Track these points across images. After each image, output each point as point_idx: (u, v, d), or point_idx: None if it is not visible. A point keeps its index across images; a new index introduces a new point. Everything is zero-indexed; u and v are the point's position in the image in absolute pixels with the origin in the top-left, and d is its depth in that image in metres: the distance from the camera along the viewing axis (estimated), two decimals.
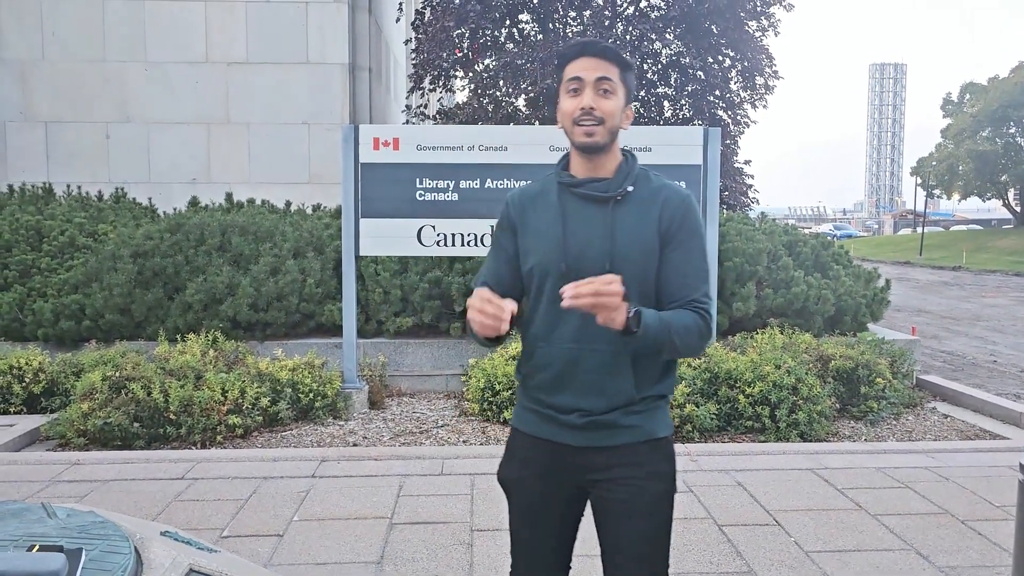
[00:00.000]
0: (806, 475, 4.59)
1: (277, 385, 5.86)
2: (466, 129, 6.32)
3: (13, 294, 7.03)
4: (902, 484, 4.46)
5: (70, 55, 11.42)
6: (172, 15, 11.48)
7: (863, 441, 5.63)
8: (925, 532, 3.79)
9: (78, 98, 11.48)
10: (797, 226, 9.38)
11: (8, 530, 1.79)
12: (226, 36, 11.58)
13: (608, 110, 1.80)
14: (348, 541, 3.65)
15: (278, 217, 8.34)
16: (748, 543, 3.65)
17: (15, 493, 4.26)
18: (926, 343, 11.10)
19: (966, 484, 4.46)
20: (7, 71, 11.39)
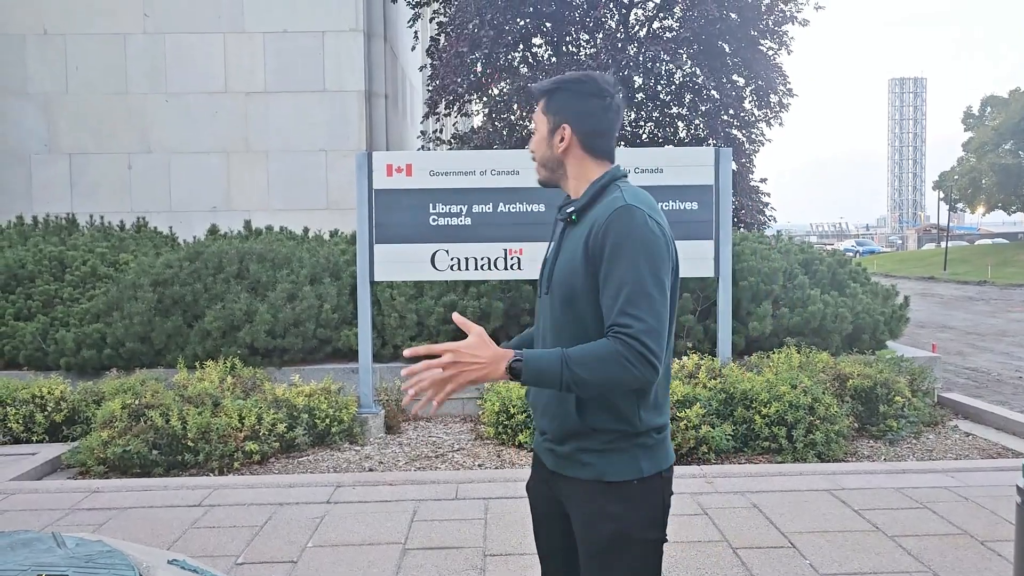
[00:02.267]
0: (823, 496, 4.53)
1: (294, 411, 5.85)
2: (478, 154, 6.36)
3: (36, 324, 7.10)
4: (921, 505, 4.39)
5: (93, 88, 11.63)
6: (191, 47, 11.67)
7: (882, 461, 5.54)
8: (943, 554, 3.73)
9: (101, 130, 11.67)
10: (814, 244, 9.35)
11: (17, 559, 1.82)
12: (244, 66, 11.76)
13: (533, 146, 1.89)
14: (361, 567, 3.65)
15: (296, 243, 8.41)
16: (762, 566, 3.61)
17: (35, 522, 4.28)
18: (950, 359, 10.95)
19: (986, 504, 4.39)
20: (32, 105, 11.61)
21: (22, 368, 7.03)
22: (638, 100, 13.94)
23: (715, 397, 5.61)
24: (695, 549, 3.78)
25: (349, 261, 7.52)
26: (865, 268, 8.40)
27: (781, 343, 6.97)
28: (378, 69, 12.38)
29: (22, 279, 7.67)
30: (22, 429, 5.94)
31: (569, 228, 1.83)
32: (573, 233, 1.80)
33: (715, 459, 5.40)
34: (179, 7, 11.62)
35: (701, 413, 5.37)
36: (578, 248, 1.73)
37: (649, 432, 1.72)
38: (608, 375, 1.60)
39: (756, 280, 7.16)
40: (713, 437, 5.33)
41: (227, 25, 11.70)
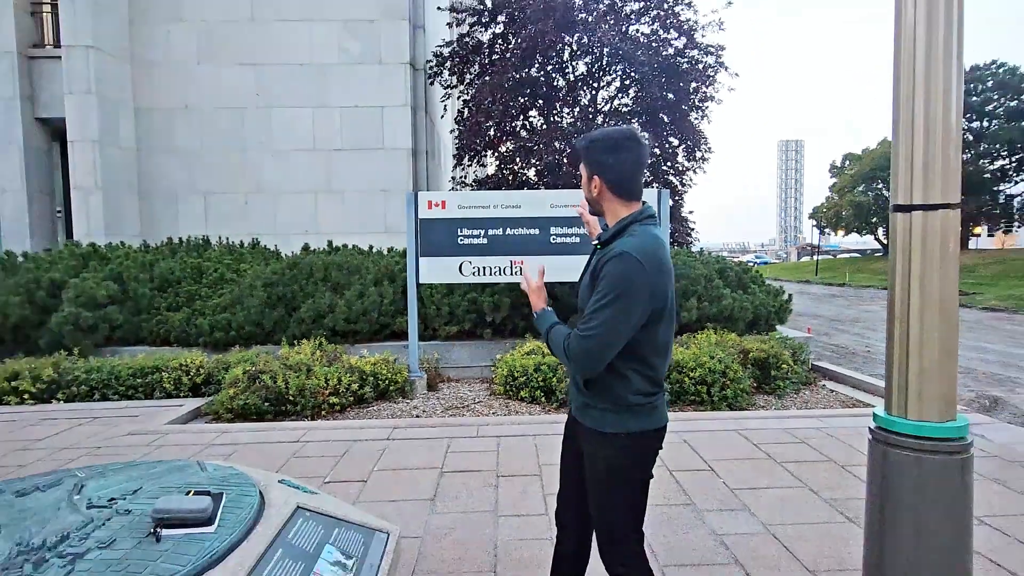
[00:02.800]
0: (732, 435, 4.56)
1: (363, 375, 5.90)
2: (493, 193, 6.36)
3: (182, 313, 7.15)
4: (800, 440, 4.42)
5: (220, 147, 11.64)
6: (291, 118, 11.69)
7: (773, 410, 5.57)
8: (816, 474, 3.76)
9: (226, 177, 11.68)
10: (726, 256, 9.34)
11: (173, 480, 1.84)
12: (327, 131, 11.76)
13: (585, 195, 1.86)
14: (411, 485, 3.67)
15: (364, 257, 8.42)
16: (690, 483, 3.63)
17: (183, 453, 4.33)
18: (819, 339, 10.95)
19: (845, 440, 4.42)
20: (180, 159, 11.64)
21: (172, 345, 7.06)
22: None
23: None
24: None
25: (401, 269, 7.56)
26: (761, 274, 8.41)
27: (703, 327, 7.00)
28: (420, 132, 12.38)
29: (172, 282, 7.71)
30: (173, 388, 6.00)
31: (595, 254, 1.82)
32: (594, 258, 1.81)
33: None
34: (280, 89, 11.63)
35: None
36: (591, 271, 1.78)
37: (633, 405, 1.73)
38: (556, 353, 1.77)
39: (686, 283, 7.16)
40: None
41: (315, 102, 11.70)
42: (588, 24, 12.54)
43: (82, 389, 5.88)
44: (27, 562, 1.31)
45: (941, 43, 1.45)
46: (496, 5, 13.44)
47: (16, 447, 4.52)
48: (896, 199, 1.54)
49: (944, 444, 1.49)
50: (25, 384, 5.80)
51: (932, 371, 1.50)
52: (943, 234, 1.48)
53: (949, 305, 1.50)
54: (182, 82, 11.53)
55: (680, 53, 13.30)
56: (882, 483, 1.57)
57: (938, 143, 1.47)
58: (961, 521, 1.49)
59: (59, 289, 7.07)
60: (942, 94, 1.46)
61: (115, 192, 11.04)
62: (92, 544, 1.39)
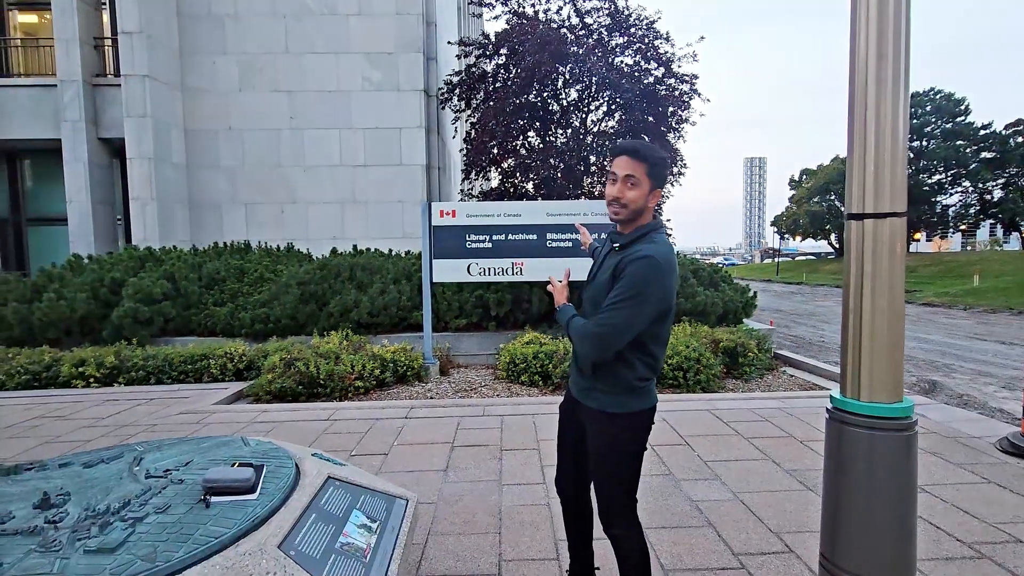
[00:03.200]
0: (705, 414, 4.54)
1: (384, 362, 5.88)
2: (497, 204, 6.33)
3: (226, 308, 7.14)
4: (764, 419, 4.40)
5: (259, 164, 11.64)
6: (320, 138, 11.68)
7: (740, 392, 5.52)
8: (778, 448, 3.74)
9: (264, 189, 11.68)
10: (699, 259, 9.31)
11: (220, 454, 1.84)
12: (352, 149, 11.76)
13: (632, 198, 1.70)
14: (427, 457, 3.67)
15: (384, 259, 8.41)
16: (669, 456, 3.62)
17: (227, 430, 4.32)
18: (780, 330, 10.92)
19: (804, 418, 4.40)
20: (223, 174, 11.63)
21: (218, 336, 7.06)
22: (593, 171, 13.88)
23: None
24: None
25: (417, 269, 7.55)
26: (730, 274, 8.38)
27: (679, 320, 6.97)
28: (433, 150, 12.37)
29: (218, 281, 7.70)
30: (219, 373, 5.99)
31: (612, 255, 1.76)
32: (611, 259, 1.74)
33: None
34: (311, 113, 11.62)
35: None
36: (610, 270, 1.71)
37: (636, 387, 1.72)
38: (575, 339, 1.75)
39: None
40: None
41: (342, 124, 11.69)
42: (579, 56, 12.49)
43: (140, 374, 5.88)
44: (94, 524, 1.31)
45: (890, 73, 1.45)
46: (499, 39, 13.39)
47: (84, 424, 4.52)
48: (851, 208, 1.53)
49: (892, 422, 1.48)
50: (91, 369, 5.80)
51: (881, 358, 1.49)
52: (891, 239, 1.47)
53: (896, 301, 1.49)
54: (225, 107, 11.52)
55: (659, 81, 13.24)
56: (838, 456, 1.56)
57: (887, 160, 1.46)
58: (906, 488, 1.49)
59: (120, 287, 7.06)
60: (890, 117, 1.45)
61: (168, 203, 11.03)
62: (150, 509, 1.39)
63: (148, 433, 4.25)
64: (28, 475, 1.67)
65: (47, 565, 1.16)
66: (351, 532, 1.55)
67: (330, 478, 1.77)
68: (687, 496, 3.04)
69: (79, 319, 6.78)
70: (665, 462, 3.52)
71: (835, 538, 1.55)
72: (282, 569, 1.27)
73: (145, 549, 1.22)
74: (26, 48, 11.90)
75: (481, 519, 2.80)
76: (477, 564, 2.39)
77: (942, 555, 2.43)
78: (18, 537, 1.27)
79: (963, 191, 36.76)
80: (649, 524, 2.73)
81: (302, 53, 11.57)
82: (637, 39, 13.21)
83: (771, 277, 37.52)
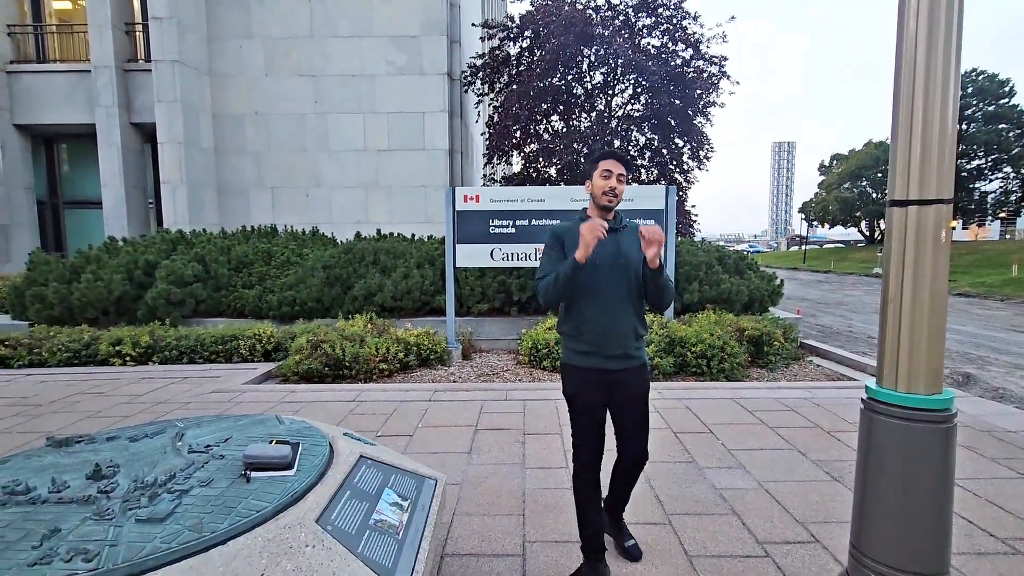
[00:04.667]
0: (729, 403, 4.50)
1: (408, 345, 5.95)
2: (520, 188, 6.30)
3: (255, 291, 7.28)
4: (789, 408, 4.35)
5: (285, 148, 11.77)
6: (344, 123, 11.74)
7: (765, 381, 5.46)
8: (804, 438, 3.70)
9: (290, 173, 11.82)
10: (724, 246, 9.16)
11: (258, 431, 1.89)
12: (376, 134, 11.79)
13: (621, 192, 2.11)
14: (451, 439, 3.72)
15: (408, 243, 8.46)
16: (692, 444, 3.61)
17: (257, 408, 4.44)
18: (806, 319, 10.72)
19: (831, 408, 4.33)
20: (250, 159, 11.80)
21: (247, 317, 7.22)
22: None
23: (663, 340, 5.58)
24: (652, 433, 3.77)
25: (440, 254, 7.57)
26: (756, 261, 8.22)
27: (704, 308, 6.89)
28: (456, 135, 12.34)
29: (246, 264, 7.84)
30: (248, 353, 6.14)
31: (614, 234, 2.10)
32: (622, 237, 2.10)
33: (663, 378, 5.39)
34: (336, 97, 11.67)
35: (654, 350, 5.37)
36: (636, 243, 2.09)
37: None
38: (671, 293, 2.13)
39: (689, 268, 7.05)
40: (661, 364, 5.33)
41: (365, 108, 11.72)
42: (604, 38, 12.27)
43: (173, 353, 6.06)
44: (143, 495, 1.37)
45: (940, 51, 1.39)
46: (523, 21, 13.24)
47: (122, 400, 4.70)
48: (893, 194, 1.49)
49: (930, 414, 1.45)
50: (127, 348, 6.00)
51: (921, 349, 1.46)
52: (935, 227, 1.43)
53: (939, 291, 1.45)
54: (251, 91, 11.64)
55: (687, 63, 12.96)
56: (872, 449, 1.54)
57: (934, 144, 1.41)
58: (943, 482, 1.46)
59: (153, 269, 7.26)
60: (939, 99, 1.40)
61: (197, 187, 11.25)
62: (195, 483, 1.45)
63: (183, 410, 4.40)
64: (79, 447, 1.75)
65: (102, 532, 1.22)
66: (384, 509, 1.59)
67: (362, 457, 1.81)
68: (711, 484, 3.04)
69: (115, 300, 7.01)
70: (688, 449, 3.52)
71: (866, 529, 1.54)
72: (320, 543, 1.31)
73: (192, 520, 1.28)
74: (61, 34, 12.16)
75: (505, 501, 2.84)
76: (502, 544, 2.43)
77: (974, 550, 2.39)
78: (74, 505, 1.34)
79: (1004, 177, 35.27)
80: (672, 510, 2.74)
81: (326, 37, 11.59)
82: (665, 19, 12.91)
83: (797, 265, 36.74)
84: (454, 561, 2.30)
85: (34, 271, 7.51)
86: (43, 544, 1.17)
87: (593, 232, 1.88)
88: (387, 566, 1.37)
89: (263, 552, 1.24)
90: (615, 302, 2.04)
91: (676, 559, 2.32)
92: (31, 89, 11.57)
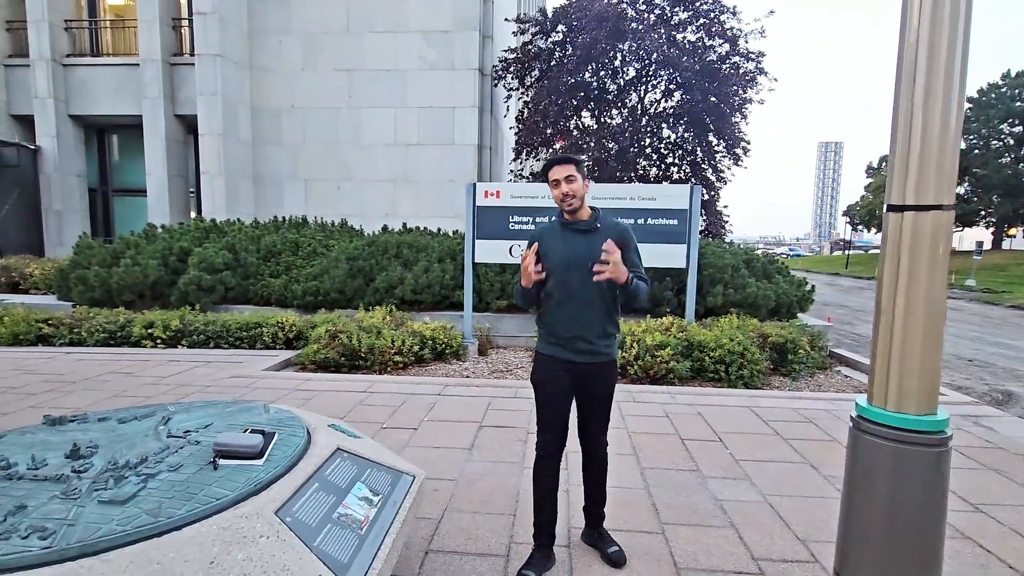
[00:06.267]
0: (744, 411, 4.34)
1: (424, 339, 5.96)
2: (540, 186, 6.23)
3: (281, 280, 7.45)
4: (808, 420, 4.15)
5: (318, 141, 12.01)
6: (375, 117, 11.88)
7: (786, 391, 5.22)
8: (819, 452, 3.53)
9: (322, 166, 12.05)
10: (756, 249, 8.86)
11: (240, 419, 1.92)
12: (406, 129, 11.90)
13: (576, 189, 2.08)
14: (454, 435, 3.71)
15: (431, 237, 8.50)
16: (699, 452, 3.50)
17: (271, 395, 4.53)
18: (841, 327, 10.28)
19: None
20: (285, 152, 12.09)
21: (272, 305, 7.39)
22: (647, 153, 13.44)
23: (680, 344, 5.41)
24: (658, 439, 3.70)
25: (462, 249, 7.58)
26: (787, 265, 7.91)
27: (728, 312, 6.69)
28: (486, 130, 12.33)
29: (274, 253, 8.03)
30: (271, 341, 6.29)
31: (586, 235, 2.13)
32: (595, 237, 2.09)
33: (678, 383, 5.23)
34: (368, 92, 11.83)
35: (671, 353, 5.22)
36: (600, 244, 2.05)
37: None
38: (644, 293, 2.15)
39: (713, 271, 6.84)
40: (677, 368, 5.18)
41: (397, 103, 11.85)
42: (638, 33, 12.03)
43: (200, 338, 6.27)
44: (112, 477, 1.40)
45: (944, 48, 1.28)
46: (556, 15, 13.11)
47: (148, 382, 4.89)
48: (890, 199, 1.39)
49: (921, 436, 1.35)
50: (158, 331, 6.25)
51: (913, 365, 1.36)
52: (933, 235, 1.32)
53: (936, 303, 1.35)
54: (289, 85, 11.92)
55: (723, 59, 12.58)
56: (859, 470, 1.45)
57: (934, 147, 1.31)
58: (934, 509, 1.36)
59: (186, 256, 7.54)
60: (942, 98, 1.29)
61: (235, 177, 11.61)
62: (164, 467, 1.48)
63: (202, 393, 4.54)
64: (71, 426, 1.82)
65: (64, 511, 1.26)
66: (351, 503, 1.59)
67: (339, 450, 1.82)
68: (712, 494, 2.94)
69: (151, 284, 7.31)
70: (694, 457, 3.41)
71: (849, 555, 1.45)
72: (275, 534, 1.32)
73: (151, 504, 1.30)
74: (113, 29, 12.72)
75: (498, 500, 2.82)
76: (488, 544, 2.41)
77: None
78: (46, 483, 1.39)
79: None
80: (667, 520, 2.66)
81: (362, 32, 11.75)
82: (702, 13, 12.57)
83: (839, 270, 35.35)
84: (436, 558, 2.30)
85: (79, 255, 7.90)
86: (6, 520, 1.21)
87: (527, 276, 2.06)
88: (342, 561, 1.37)
89: (216, 540, 1.25)
90: (584, 304, 2.09)
91: (664, 570, 2.25)
92: (85, 81, 12.15)
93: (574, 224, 2.13)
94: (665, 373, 5.16)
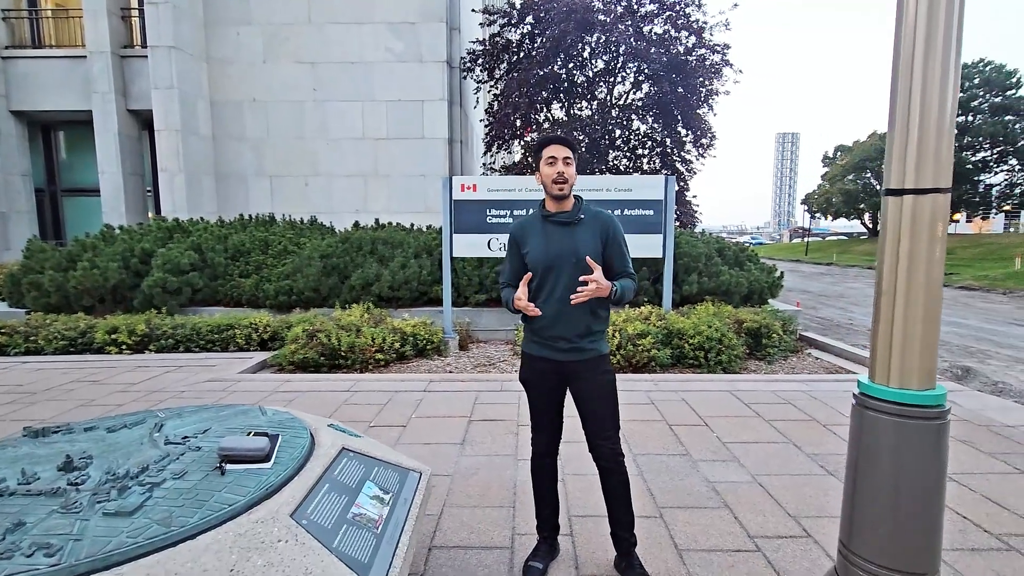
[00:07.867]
0: (725, 395, 4.47)
1: (404, 335, 5.92)
2: (517, 178, 6.23)
3: (252, 280, 7.25)
4: (786, 401, 4.31)
5: (283, 136, 11.67)
6: (343, 110, 11.62)
7: (763, 374, 5.41)
8: (800, 431, 3.67)
9: (288, 162, 11.72)
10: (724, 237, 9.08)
11: (237, 422, 1.86)
12: (374, 122, 11.67)
13: (572, 174, 2.00)
14: (444, 430, 3.70)
15: (406, 233, 8.40)
16: (687, 436, 3.58)
17: (252, 398, 4.42)
18: (806, 311, 10.66)
19: (828, 402, 4.30)
20: (248, 147, 11.71)
21: (243, 306, 7.20)
22: (618, 144, 13.57)
23: (660, 332, 5.52)
24: (646, 425, 3.77)
25: (438, 244, 7.53)
26: (757, 253, 8.14)
27: (702, 299, 6.85)
28: (455, 123, 12.21)
29: (243, 252, 7.81)
30: (244, 343, 6.13)
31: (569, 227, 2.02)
32: (579, 229, 2.01)
33: (659, 370, 5.34)
34: (335, 85, 11.54)
35: (652, 342, 5.31)
36: (594, 237, 2.00)
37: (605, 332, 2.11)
38: (631, 292, 2.07)
39: (688, 260, 6.99)
40: (658, 356, 5.28)
41: (364, 96, 11.60)
42: (606, 25, 12.10)
43: (169, 342, 6.05)
44: (113, 488, 1.34)
45: (941, 35, 1.33)
46: (524, 7, 13.06)
47: (116, 389, 4.68)
48: (889, 183, 1.44)
49: (922, 410, 1.41)
50: (123, 337, 5.99)
51: (914, 344, 1.42)
52: (932, 217, 1.38)
53: (934, 284, 1.41)
54: (250, 78, 11.52)
55: (689, 51, 12.79)
56: (863, 446, 1.50)
57: (932, 131, 1.36)
58: (935, 480, 1.42)
59: (149, 257, 7.23)
60: (939, 84, 1.35)
61: (195, 174, 11.18)
62: (168, 475, 1.42)
63: (176, 399, 4.38)
64: (56, 437, 1.73)
65: (67, 526, 1.19)
66: (363, 503, 1.57)
67: (344, 449, 1.78)
68: (704, 477, 3.01)
69: (111, 288, 6.99)
70: (683, 442, 3.49)
71: (855, 527, 1.51)
72: (293, 538, 1.28)
73: (161, 513, 1.25)
74: (56, 19, 12.03)
75: (496, 493, 2.82)
76: (491, 536, 2.41)
77: (968, 546, 2.36)
78: (42, 498, 1.31)
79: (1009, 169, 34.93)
80: (664, 504, 2.72)
81: (324, 23, 11.45)
82: (668, 6, 12.73)
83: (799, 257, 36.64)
84: (441, 553, 2.28)
85: (31, 259, 7.48)
86: (6, 538, 1.14)
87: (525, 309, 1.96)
88: (363, 561, 1.34)
89: (233, 547, 1.21)
90: (566, 301, 1.96)
91: (666, 552, 2.30)
92: (27, 75, 11.47)
93: (556, 216, 2.01)
94: (647, 361, 5.25)
